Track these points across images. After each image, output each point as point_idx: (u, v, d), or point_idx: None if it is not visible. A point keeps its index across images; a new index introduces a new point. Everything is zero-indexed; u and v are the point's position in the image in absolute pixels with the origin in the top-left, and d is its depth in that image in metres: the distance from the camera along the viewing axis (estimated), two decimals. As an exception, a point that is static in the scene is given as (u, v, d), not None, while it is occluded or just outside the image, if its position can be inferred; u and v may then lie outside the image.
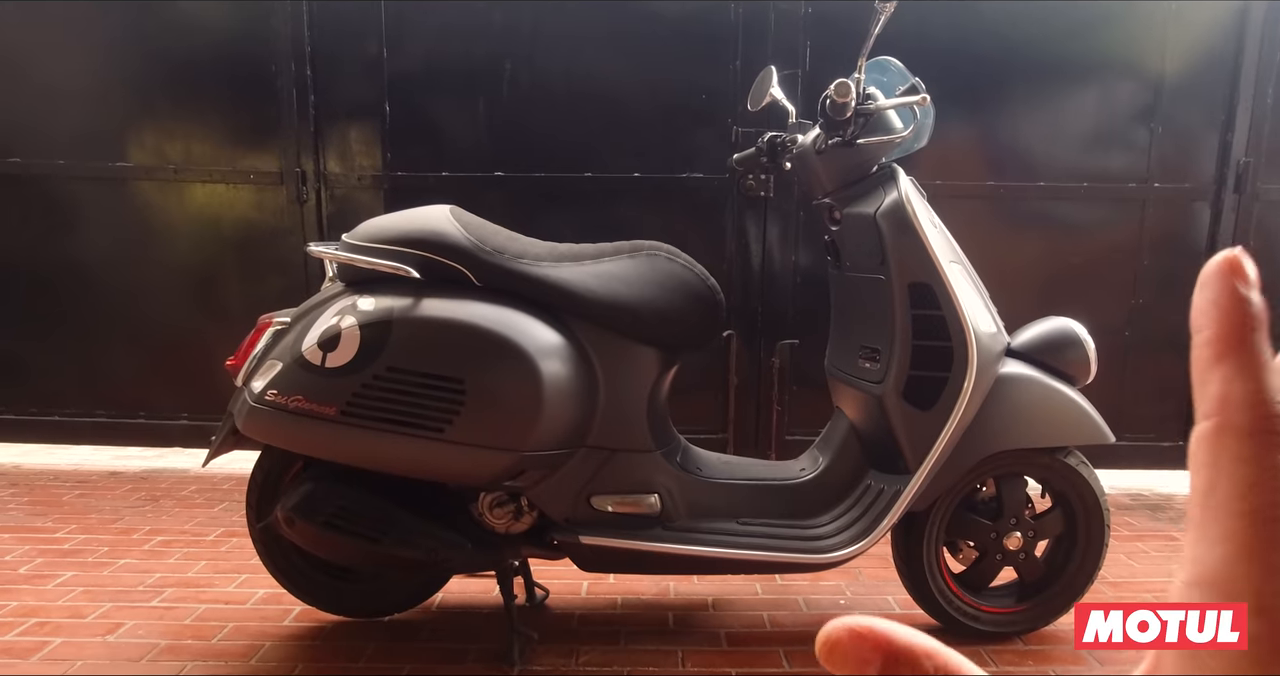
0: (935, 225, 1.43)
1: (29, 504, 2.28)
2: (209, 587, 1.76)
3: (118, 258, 2.58)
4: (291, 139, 2.50)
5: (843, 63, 1.58)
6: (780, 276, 2.53)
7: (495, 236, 1.41)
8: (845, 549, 1.40)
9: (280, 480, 1.51)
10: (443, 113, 2.51)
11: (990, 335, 1.41)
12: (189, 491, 2.41)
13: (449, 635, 1.57)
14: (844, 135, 1.41)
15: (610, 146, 2.49)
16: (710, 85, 2.45)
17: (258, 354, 1.40)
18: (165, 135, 2.53)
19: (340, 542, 1.36)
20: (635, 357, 1.43)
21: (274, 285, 2.58)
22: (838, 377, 1.58)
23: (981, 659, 1.49)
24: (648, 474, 1.44)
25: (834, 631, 0.18)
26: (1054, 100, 2.48)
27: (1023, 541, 1.51)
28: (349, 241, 1.40)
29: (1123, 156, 2.52)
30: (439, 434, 1.29)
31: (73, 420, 2.63)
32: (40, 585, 1.75)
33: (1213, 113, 2.49)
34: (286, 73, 2.47)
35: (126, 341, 2.62)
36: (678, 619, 1.65)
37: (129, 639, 1.53)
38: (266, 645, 1.52)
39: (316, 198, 2.54)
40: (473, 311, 1.32)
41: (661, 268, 1.44)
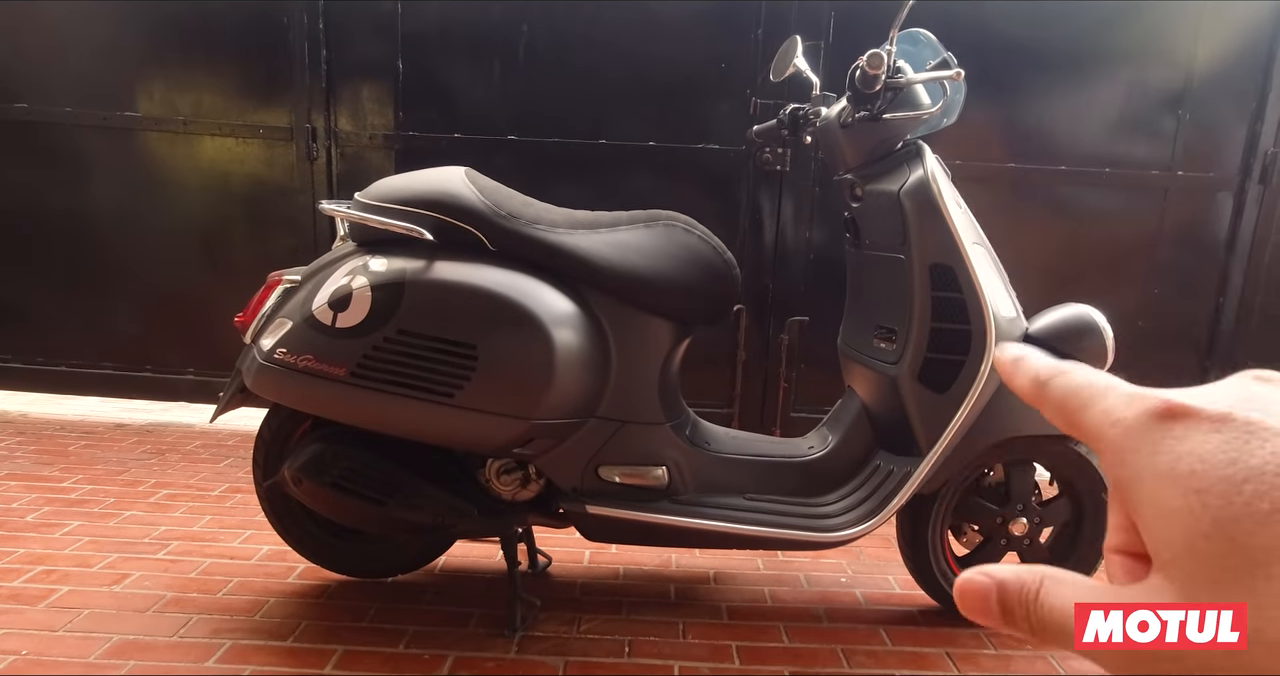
0: (960, 206, 1.40)
1: (36, 453, 2.29)
2: (214, 542, 1.77)
3: (125, 208, 2.56)
4: (303, 94, 2.46)
5: (868, 35, 1.54)
6: (793, 253, 2.50)
7: (510, 201, 1.39)
8: (852, 528, 1.40)
9: (287, 439, 1.51)
10: (457, 73, 2.46)
11: (1009, 320, 1.39)
12: (194, 446, 2.42)
13: (452, 598, 1.58)
14: (871, 109, 1.38)
15: (625, 114, 2.45)
16: (730, 54, 2.40)
17: (267, 312, 1.39)
18: (174, 86, 2.49)
19: (346, 503, 1.36)
20: (648, 329, 1.42)
21: (282, 243, 2.56)
22: (851, 357, 1.56)
23: (981, 641, 1.51)
24: (656, 446, 1.43)
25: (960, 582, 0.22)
26: (1081, 84, 2.42)
27: (1028, 527, 1.51)
28: (362, 201, 1.38)
29: (1148, 143, 2.47)
30: (449, 399, 1.28)
31: (79, 371, 2.64)
32: (47, 533, 1.77)
33: (1243, 102, 2.44)
34: (299, 25, 2.42)
35: (133, 294, 2.61)
36: (679, 591, 1.66)
37: (135, 589, 1.54)
38: (271, 601, 1.53)
39: (327, 155, 2.51)
40: (487, 276, 1.30)
41: (679, 239, 1.42)
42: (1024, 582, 0.21)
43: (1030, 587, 0.21)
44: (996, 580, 0.22)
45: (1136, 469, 0.20)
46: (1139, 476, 0.20)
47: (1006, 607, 0.22)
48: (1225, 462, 0.19)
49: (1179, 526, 0.19)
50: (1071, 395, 0.23)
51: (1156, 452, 0.20)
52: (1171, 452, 0.20)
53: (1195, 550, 0.19)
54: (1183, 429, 0.20)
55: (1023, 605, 0.21)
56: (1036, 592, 0.21)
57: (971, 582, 0.22)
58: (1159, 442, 0.20)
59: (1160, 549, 0.20)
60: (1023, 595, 0.21)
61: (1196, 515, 0.19)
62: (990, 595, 0.22)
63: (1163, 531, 0.20)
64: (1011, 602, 0.21)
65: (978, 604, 0.22)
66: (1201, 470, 0.19)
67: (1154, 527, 0.20)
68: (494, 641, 1.43)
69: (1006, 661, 1.44)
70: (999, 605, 0.22)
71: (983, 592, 0.22)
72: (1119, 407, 0.21)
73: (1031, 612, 0.21)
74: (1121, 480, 0.21)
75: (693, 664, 1.39)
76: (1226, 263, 2.52)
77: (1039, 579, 0.21)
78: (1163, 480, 0.20)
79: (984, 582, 0.22)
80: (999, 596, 0.22)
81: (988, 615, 0.22)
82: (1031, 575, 0.21)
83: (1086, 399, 0.22)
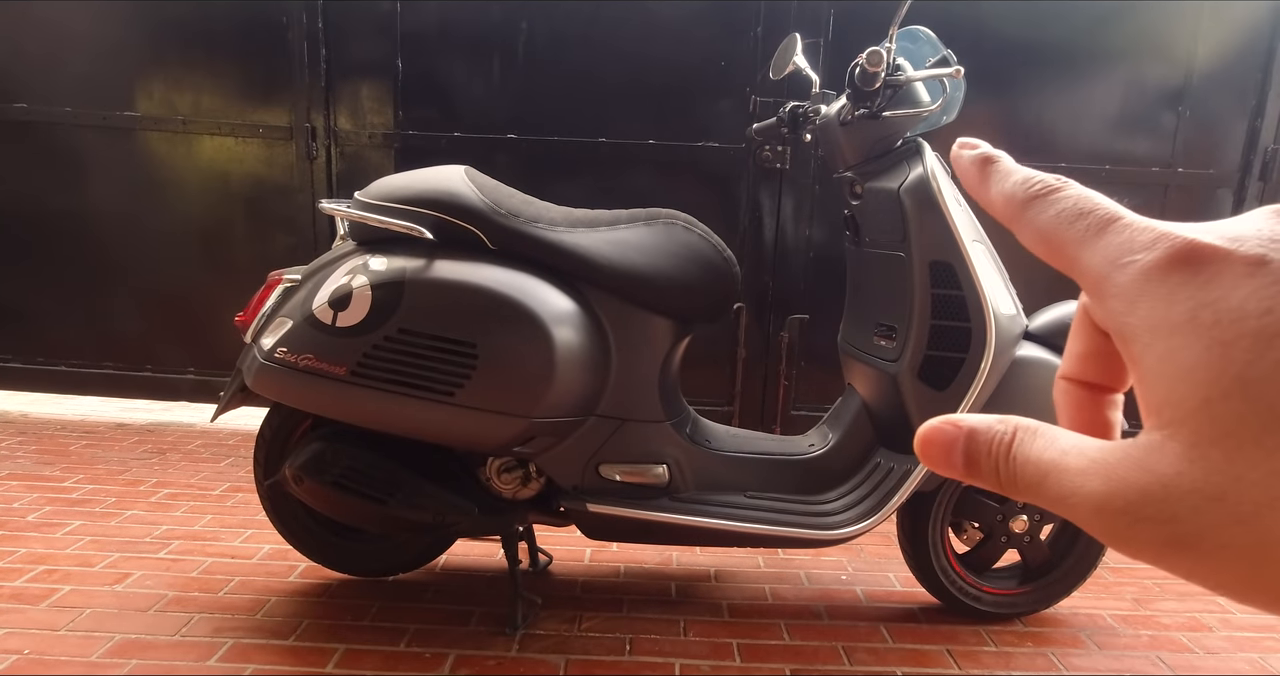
0: (960, 203, 1.40)
1: (37, 452, 2.29)
2: (215, 541, 1.77)
3: (125, 208, 2.55)
4: (302, 93, 2.46)
5: (867, 32, 1.54)
6: (793, 251, 2.50)
7: (510, 199, 1.39)
8: (852, 526, 1.40)
9: (288, 438, 1.51)
10: (456, 72, 2.46)
11: (1010, 317, 1.39)
12: (195, 445, 2.42)
13: (453, 597, 1.58)
14: (871, 106, 1.38)
15: (625, 112, 2.45)
16: (730, 52, 2.40)
17: (267, 311, 1.39)
18: (174, 85, 2.49)
19: (347, 502, 1.36)
20: (648, 327, 1.42)
21: (282, 242, 2.56)
22: (851, 354, 1.56)
23: (982, 638, 1.51)
24: (657, 444, 1.43)
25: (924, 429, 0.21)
26: (1080, 80, 2.42)
27: (1028, 525, 1.52)
28: (362, 200, 1.38)
29: (1147, 140, 2.47)
30: (449, 397, 1.29)
31: (80, 370, 2.64)
32: (49, 533, 1.77)
33: (1243, 98, 2.44)
34: (298, 25, 2.42)
35: (133, 293, 2.61)
36: (680, 589, 1.66)
37: (137, 589, 1.55)
38: (272, 600, 1.53)
39: (326, 155, 2.51)
40: (487, 275, 1.30)
41: (678, 237, 1.42)
42: (995, 432, 0.20)
43: (1003, 438, 0.20)
44: (965, 428, 0.20)
45: (1148, 318, 0.18)
46: (1150, 327, 0.18)
47: (973, 458, 0.20)
48: (1259, 312, 0.16)
49: (1194, 382, 0.17)
50: (1068, 222, 0.20)
51: (1174, 299, 0.18)
52: (1192, 300, 0.17)
53: (1211, 409, 0.16)
54: (1209, 274, 0.17)
55: (991, 456, 0.20)
56: (1010, 443, 0.19)
57: (937, 430, 0.21)
58: (1178, 288, 0.18)
59: (1163, 406, 0.17)
60: (993, 445, 0.20)
61: (1217, 371, 0.16)
62: (956, 444, 0.20)
63: (1171, 387, 0.17)
64: (979, 453, 0.20)
65: (941, 452, 0.20)
66: (1229, 321, 0.17)
67: (1159, 382, 0.18)
68: (495, 639, 1.43)
69: (1007, 658, 1.44)
70: (964, 454, 0.20)
71: (948, 441, 0.20)
72: (1129, 245, 0.19)
73: (1001, 465, 0.19)
74: (1125, 328, 0.19)
75: (693, 662, 1.39)
76: (1227, 259, 2.52)
77: (1012, 428, 0.20)
78: (1179, 330, 0.17)
79: (950, 431, 0.20)
80: (966, 445, 0.20)
81: (951, 465, 0.20)
82: (1003, 424, 0.20)
83: (1090, 229, 0.19)
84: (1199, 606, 1.67)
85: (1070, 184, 0.21)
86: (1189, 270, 0.18)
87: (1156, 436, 0.17)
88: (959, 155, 0.23)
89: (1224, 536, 0.16)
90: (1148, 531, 0.17)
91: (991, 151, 0.23)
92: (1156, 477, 0.17)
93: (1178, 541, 0.17)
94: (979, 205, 0.23)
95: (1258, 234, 0.18)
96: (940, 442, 0.20)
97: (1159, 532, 0.17)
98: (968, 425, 0.20)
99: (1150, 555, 0.17)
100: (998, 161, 0.22)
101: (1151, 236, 0.18)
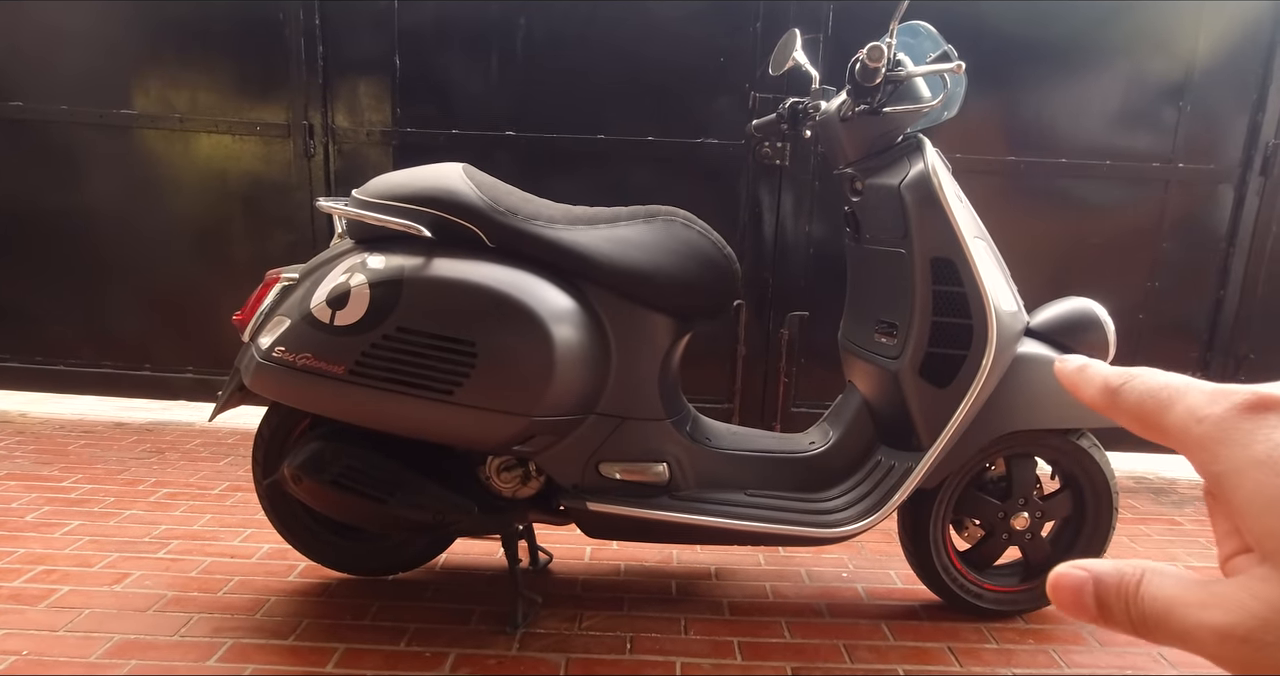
0: (960, 199, 1.40)
1: (35, 452, 2.28)
2: (215, 541, 1.77)
3: (122, 207, 2.55)
4: (299, 91, 2.45)
5: (868, 28, 1.53)
6: (793, 247, 2.50)
7: (509, 197, 1.38)
8: (853, 524, 1.39)
9: (287, 437, 1.50)
10: (454, 68, 2.45)
11: (1011, 314, 1.39)
12: (194, 445, 2.41)
13: (453, 596, 1.58)
14: (871, 102, 1.37)
15: (624, 109, 2.44)
16: (729, 48, 2.39)
17: (265, 310, 1.38)
18: (170, 83, 2.48)
19: (346, 502, 1.36)
20: (648, 325, 1.41)
21: (280, 240, 2.55)
22: (852, 351, 1.56)
23: (983, 635, 1.50)
24: (657, 442, 1.43)
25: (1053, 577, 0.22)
26: (1081, 76, 2.41)
27: (1030, 522, 1.51)
28: (359, 197, 1.37)
29: (1148, 135, 2.46)
30: (448, 396, 1.28)
31: (78, 370, 2.63)
32: (47, 533, 1.76)
33: (1243, 93, 2.43)
34: (295, 22, 2.40)
35: (131, 292, 2.60)
36: (681, 587, 1.66)
37: (136, 589, 1.54)
38: (272, 599, 1.53)
39: (324, 152, 2.50)
40: (485, 273, 1.29)
41: (678, 234, 1.41)
42: (1123, 576, 0.21)
43: (1130, 581, 0.21)
44: (1093, 574, 0.22)
45: (1232, 461, 0.20)
46: (1236, 469, 0.20)
47: (1104, 602, 0.21)
48: None
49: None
50: (1149, 397, 0.23)
51: (1251, 443, 0.20)
52: (1268, 441, 0.19)
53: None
54: (1276, 417, 0.20)
55: (1122, 599, 0.21)
56: (1137, 586, 0.21)
57: (1067, 577, 0.22)
58: (1252, 433, 0.20)
59: (1264, 538, 0.19)
60: (1121, 589, 0.21)
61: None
62: (1086, 589, 0.21)
63: (1263, 520, 0.19)
64: (1110, 597, 0.21)
65: (1072, 598, 0.22)
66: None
67: (1256, 518, 0.19)
68: (495, 638, 1.42)
69: (1009, 655, 1.44)
70: (1095, 599, 0.21)
71: (1078, 586, 0.22)
72: (1204, 404, 0.21)
73: (1132, 607, 0.21)
74: (1216, 476, 0.21)
75: (694, 660, 1.39)
76: (1227, 255, 2.52)
77: (1139, 572, 0.21)
78: (1261, 468, 0.19)
79: (1079, 576, 0.22)
80: (1096, 590, 0.21)
81: (1083, 610, 0.22)
82: (1131, 568, 0.21)
83: (1166, 400, 0.22)
84: (1200, 603, 1.67)
85: (1147, 370, 0.24)
86: (1258, 417, 0.20)
87: (1264, 568, 0.19)
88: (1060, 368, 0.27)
89: None
90: (1270, 655, 0.18)
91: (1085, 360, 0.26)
92: (1270, 605, 0.18)
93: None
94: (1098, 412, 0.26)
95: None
96: (1071, 589, 0.22)
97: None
98: (1095, 571, 0.22)
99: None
100: (1089, 366, 0.26)
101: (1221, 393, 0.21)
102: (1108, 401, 0.24)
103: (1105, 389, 0.24)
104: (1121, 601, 0.21)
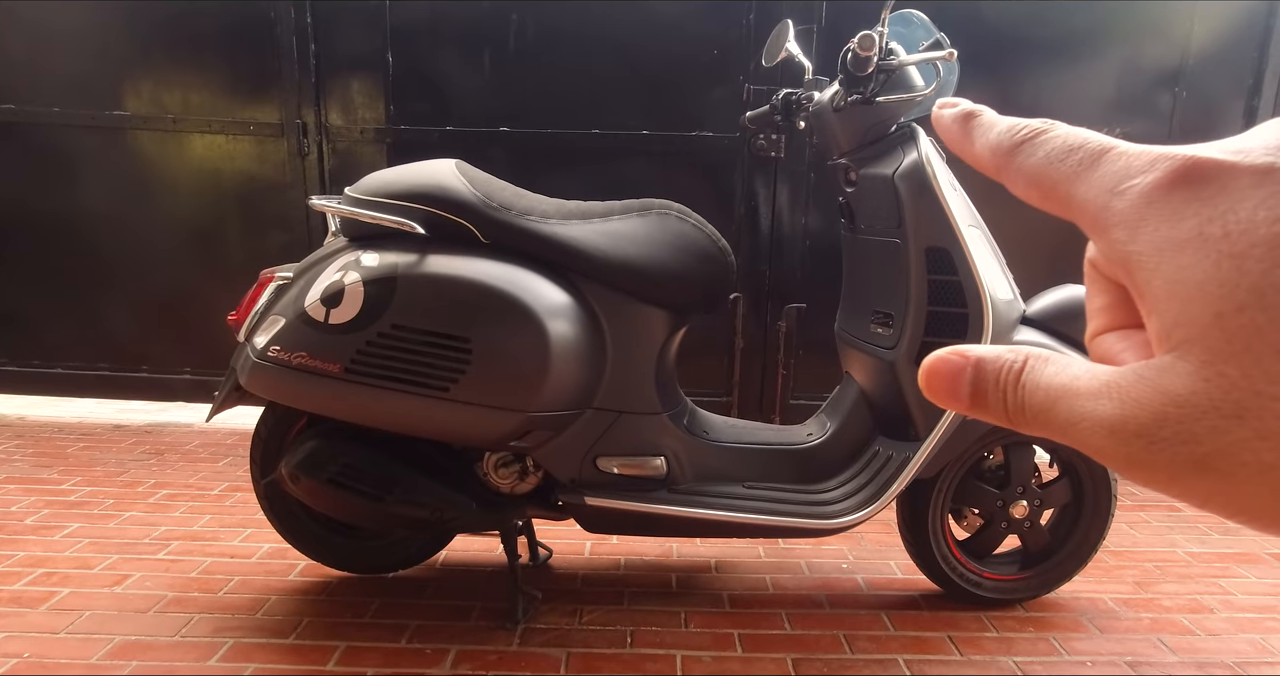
0: (955, 188, 1.39)
1: (34, 455, 2.28)
2: (214, 541, 1.77)
3: (116, 209, 2.54)
4: (292, 90, 2.44)
5: (861, 18, 1.52)
6: (789, 239, 2.49)
7: (502, 192, 1.38)
8: (852, 515, 1.39)
9: (284, 436, 1.50)
10: (447, 66, 2.44)
11: (1006, 302, 1.38)
12: (193, 446, 2.41)
13: (453, 592, 1.58)
14: (864, 92, 1.37)
15: (618, 103, 2.43)
16: (722, 40, 2.38)
17: (260, 309, 1.38)
18: (162, 84, 2.47)
19: (344, 500, 1.35)
20: (643, 319, 1.41)
21: (275, 239, 2.54)
22: (848, 342, 1.56)
23: (983, 624, 1.51)
24: (654, 436, 1.43)
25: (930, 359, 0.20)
26: (1076, 62, 2.40)
27: (1028, 510, 1.51)
28: (352, 195, 1.37)
29: (1144, 121, 2.45)
30: (444, 393, 1.28)
31: (76, 373, 2.63)
32: (47, 536, 1.76)
33: (1239, 78, 2.42)
34: (286, 20, 2.39)
35: (127, 295, 2.59)
36: (681, 580, 1.66)
37: (136, 590, 1.54)
38: (272, 599, 1.53)
39: (318, 151, 2.49)
40: (479, 269, 1.29)
41: (672, 227, 1.41)
42: (1004, 361, 0.19)
43: (1012, 366, 0.19)
44: (972, 359, 0.19)
45: (1152, 241, 0.17)
46: (1155, 248, 0.17)
47: (980, 388, 0.19)
48: (1270, 220, 0.16)
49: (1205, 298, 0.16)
50: (1056, 161, 0.19)
51: (1180, 217, 0.17)
52: (1198, 216, 0.17)
53: (1225, 324, 0.16)
54: (1214, 188, 0.17)
55: (1000, 385, 0.19)
56: (1019, 373, 0.19)
57: (943, 361, 0.20)
58: (1182, 206, 0.17)
59: (1173, 327, 0.17)
60: (1001, 374, 0.19)
61: (1230, 285, 0.16)
62: (963, 374, 0.19)
63: (1181, 307, 0.17)
64: (987, 382, 0.19)
65: (946, 384, 0.19)
66: (1238, 231, 0.16)
67: (1169, 304, 0.17)
68: (496, 634, 1.43)
69: (1009, 643, 1.44)
70: (972, 385, 0.19)
71: (954, 372, 0.19)
72: (1125, 171, 0.18)
73: (1010, 394, 0.19)
74: (1130, 257, 0.18)
75: (695, 653, 1.39)
76: (1225, 241, 2.51)
77: (1023, 356, 0.19)
78: (1187, 248, 0.17)
79: (957, 362, 0.19)
80: (974, 375, 0.19)
81: (956, 397, 0.20)
82: (1014, 353, 0.19)
83: (1077, 165, 0.19)
84: (1200, 588, 1.67)
85: (1056, 125, 0.20)
86: (1192, 187, 0.17)
87: (1169, 357, 0.17)
88: (940, 115, 0.22)
89: (1246, 455, 0.15)
90: (1164, 454, 0.16)
91: (973, 106, 0.22)
92: (1171, 398, 0.16)
93: (1196, 463, 0.16)
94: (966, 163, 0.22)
95: (1264, 144, 0.17)
96: (946, 374, 0.20)
97: (1176, 454, 0.16)
98: (975, 355, 0.19)
99: (1165, 479, 0.17)
100: (980, 115, 0.21)
101: (1148, 159, 0.18)
102: (999, 162, 0.20)
103: (997, 147, 0.20)
104: (1000, 391, 0.19)
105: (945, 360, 0.20)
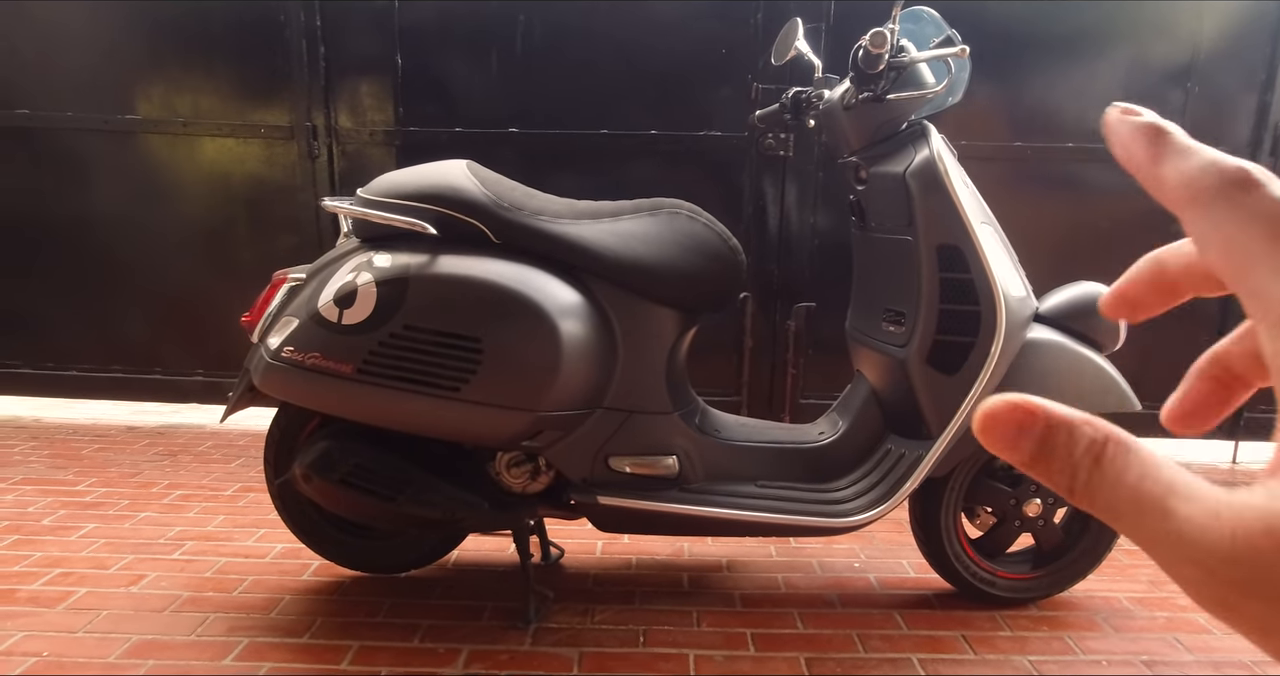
0: (966, 185, 1.39)
1: (49, 457, 2.30)
2: (228, 541, 1.78)
3: (129, 212, 2.56)
4: (302, 92, 2.45)
5: (869, 16, 1.52)
6: (798, 238, 2.49)
7: (513, 192, 1.38)
8: (864, 513, 1.39)
9: (297, 436, 1.51)
10: (456, 67, 2.45)
11: (1019, 300, 1.38)
12: (206, 446, 2.43)
13: (465, 592, 1.58)
14: (874, 89, 1.36)
15: (626, 103, 2.43)
16: (730, 39, 2.38)
17: (273, 310, 1.38)
18: (173, 87, 2.49)
19: (357, 500, 1.36)
20: (654, 318, 1.41)
21: (286, 241, 2.56)
22: (859, 341, 1.55)
23: (996, 623, 1.50)
24: (666, 435, 1.43)
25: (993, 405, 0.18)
26: (1087, 59, 2.39)
27: (1042, 508, 1.50)
28: (364, 197, 1.38)
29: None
30: (455, 393, 1.28)
31: (90, 375, 2.65)
32: (63, 536, 1.78)
33: (1251, 74, 2.40)
34: (295, 23, 2.41)
35: (140, 297, 2.61)
36: (692, 580, 1.66)
37: (152, 590, 1.55)
38: (286, 598, 1.54)
39: (328, 153, 2.50)
40: (490, 269, 1.30)
41: (682, 227, 1.41)
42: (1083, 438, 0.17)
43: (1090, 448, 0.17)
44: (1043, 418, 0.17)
45: None
46: None
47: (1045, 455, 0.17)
48: None
49: None
50: None
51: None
52: None
53: None
54: None
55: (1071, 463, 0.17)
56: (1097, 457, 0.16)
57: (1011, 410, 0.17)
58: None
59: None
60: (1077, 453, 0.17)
61: None
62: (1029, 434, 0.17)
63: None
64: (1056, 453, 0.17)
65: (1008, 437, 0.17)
66: None
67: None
68: (508, 634, 1.43)
69: (1023, 642, 1.43)
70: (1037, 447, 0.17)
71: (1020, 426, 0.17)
72: None
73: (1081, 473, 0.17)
74: None
75: (707, 652, 1.39)
76: (1238, 237, 2.49)
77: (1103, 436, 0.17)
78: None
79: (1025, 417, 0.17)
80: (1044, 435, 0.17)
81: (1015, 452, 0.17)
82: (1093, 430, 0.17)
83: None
84: (1216, 587, 1.66)
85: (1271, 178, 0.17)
86: None
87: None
88: (1120, 120, 0.20)
89: None
90: None
91: (1160, 121, 0.19)
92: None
93: None
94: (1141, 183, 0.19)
95: None
96: (1010, 424, 0.17)
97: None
98: (1047, 415, 0.17)
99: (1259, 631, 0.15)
100: (1171, 135, 0.19)
101: None
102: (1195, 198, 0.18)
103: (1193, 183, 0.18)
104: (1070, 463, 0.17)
105: (1013, 410, 0.17)
